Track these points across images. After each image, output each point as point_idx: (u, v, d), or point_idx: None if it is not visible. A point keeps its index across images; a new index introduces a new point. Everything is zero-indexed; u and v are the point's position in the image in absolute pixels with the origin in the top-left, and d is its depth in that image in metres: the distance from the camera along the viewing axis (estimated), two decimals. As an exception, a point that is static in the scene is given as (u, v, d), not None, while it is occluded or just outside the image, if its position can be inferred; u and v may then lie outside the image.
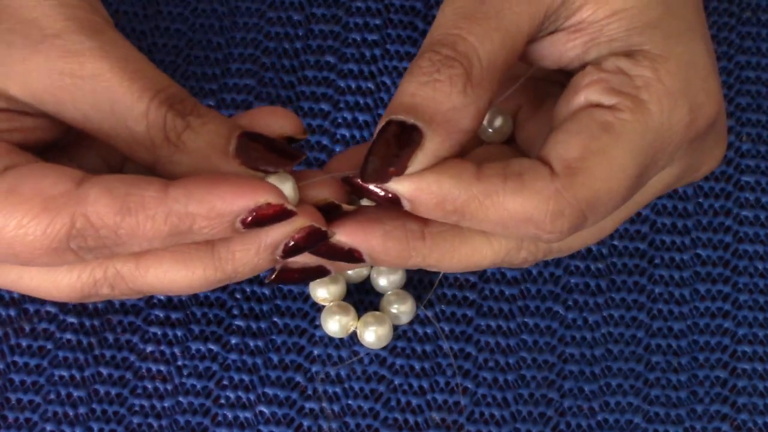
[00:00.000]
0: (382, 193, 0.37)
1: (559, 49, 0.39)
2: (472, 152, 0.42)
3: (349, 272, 0.47)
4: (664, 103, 0.37)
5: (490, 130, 0.43)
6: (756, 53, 0.52)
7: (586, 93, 0.38)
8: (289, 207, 0.37)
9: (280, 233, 0.38)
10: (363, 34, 0.52)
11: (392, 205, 0.37)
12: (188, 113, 0.38)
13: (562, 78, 0.42)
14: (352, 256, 0.39)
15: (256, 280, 0.48)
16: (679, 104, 0.38)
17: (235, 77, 0.51)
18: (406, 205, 0.37)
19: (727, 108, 0.51)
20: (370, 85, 0.51)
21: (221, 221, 0.36)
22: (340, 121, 0.50)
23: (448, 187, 0.37)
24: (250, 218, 0.36)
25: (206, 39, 0.52)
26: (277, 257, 0.38)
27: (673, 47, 0.38)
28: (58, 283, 0.39)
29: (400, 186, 0.37)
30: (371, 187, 0.37)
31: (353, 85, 0.51)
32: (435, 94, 0.36)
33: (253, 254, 0.38)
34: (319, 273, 0.40)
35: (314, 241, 0.38)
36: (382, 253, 0.39)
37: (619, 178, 0.37)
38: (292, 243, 0.38)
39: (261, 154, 0.38)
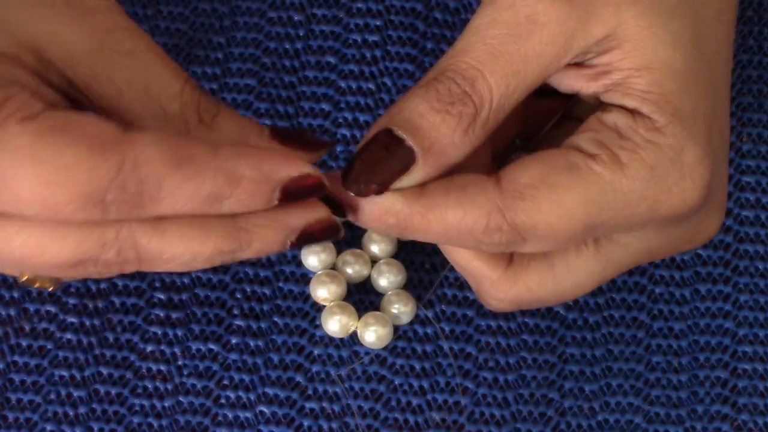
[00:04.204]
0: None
1: (580, 84, 0.39)
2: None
3: (350, 272, 0.47)
4: (640, 173, 0.37)
5: None
6: (758, 52, 0.52)
7: (576, 138, 0.38)
8: (325, 181, 0.37)
9: (304, 218, 0.38)
10: (364, 35, 0.52)
11: (335, 209, 0.38)
12: (217, 101, 0.39)
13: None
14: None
15: (257, 280, 0.48)
16: (655, 181, 0.37)
17: (235, 77, 0.51)
18: (349, 213, 0.38)
19: (728, 108, 0.51)
20: (371, 85, 0.51)
21: (266, 187, 0.36)
22: (340, 121, 0.50)
23: (392, 200, 0.37)
24: (293, 186, 0.36)
25: (207, 38, 0.52)
26: (288, 243, 0.38)
27: (676, 127, 0.37)
28: (63, 239, 0.36)
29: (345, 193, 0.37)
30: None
31: (354, 86, 0.51)
32: (441, 125, 0.37)
33: (273, 232, 0.38)
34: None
35: (328, 234, 0.38)
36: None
37: (562, 217, 0.37)
38: (309, 231, 0.38)
39: (293, 142, 0.39)
